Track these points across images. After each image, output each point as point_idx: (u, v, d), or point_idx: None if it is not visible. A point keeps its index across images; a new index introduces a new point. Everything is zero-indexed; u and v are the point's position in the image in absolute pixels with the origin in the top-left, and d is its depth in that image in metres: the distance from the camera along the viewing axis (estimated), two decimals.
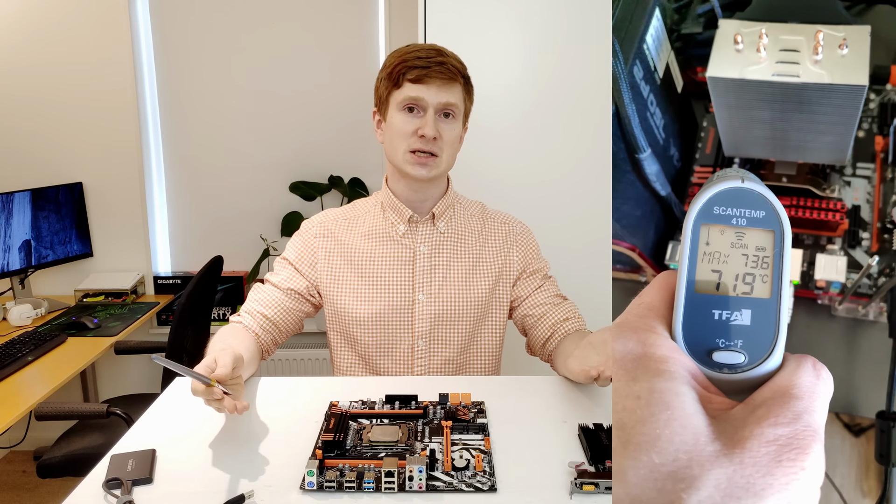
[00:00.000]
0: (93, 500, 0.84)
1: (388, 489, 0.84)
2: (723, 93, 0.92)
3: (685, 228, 0.42)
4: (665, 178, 1.01)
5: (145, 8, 2.64)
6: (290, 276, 1.30)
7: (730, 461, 0.34)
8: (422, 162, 1.22)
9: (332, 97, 2.67)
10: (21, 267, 2.44)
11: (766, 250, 0.41)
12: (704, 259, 0.42)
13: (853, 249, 0.99)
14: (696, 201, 0.42)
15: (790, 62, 0.87)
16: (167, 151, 2.74)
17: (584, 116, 1.88)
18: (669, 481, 0.34)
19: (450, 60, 1.22)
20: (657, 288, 0.43)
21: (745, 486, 0.33)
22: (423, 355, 1.28)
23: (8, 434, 2.20)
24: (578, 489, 0.83)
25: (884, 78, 1.00)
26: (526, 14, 1.85)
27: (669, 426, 0.35)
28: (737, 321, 0.41)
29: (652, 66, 0.97)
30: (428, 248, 1.30)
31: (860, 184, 1.02)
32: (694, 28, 0.98)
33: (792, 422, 0.35)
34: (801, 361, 0.39)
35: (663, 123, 1.01)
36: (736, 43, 0.89)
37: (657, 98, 0.99)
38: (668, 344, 0.39)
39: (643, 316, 0.41)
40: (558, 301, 1.31)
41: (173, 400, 1.12)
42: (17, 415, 1.69)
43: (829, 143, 0.95)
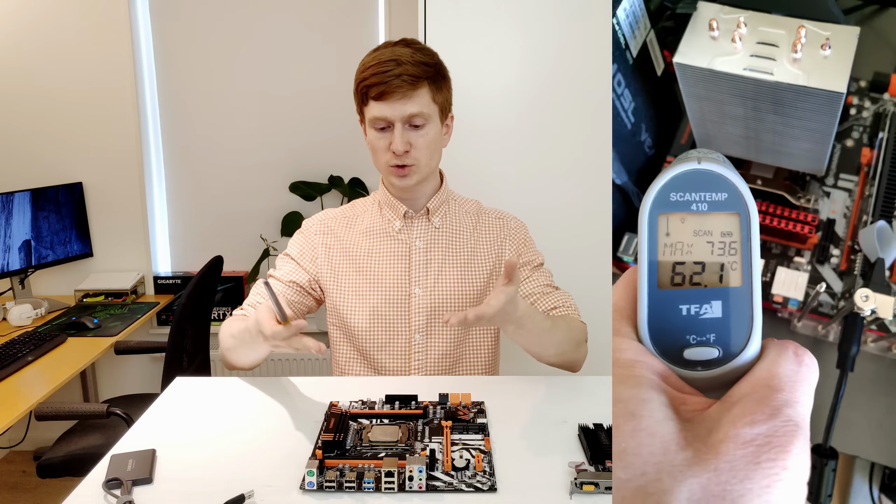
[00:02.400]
0: (93, 500, 0.84)
1: (388, 489, 0.84)
2: (691, 82, 0.84)
3: (640, 220, 0.39)
4: (622, 164, 0.93)
5: (145, 8, 2.64)
6: (292, 270, 1.31)
7: (703, 469, 0.31)
8: (401, 174, 1.25)
9: (332, 97, 2.67)
10: (21, 267, 2.44)
11: (733, 235, 0.38)
12: (666, 252, 0.38)
13: (821, 265, 0.92)
14: (650, 190, 0.39)
15: (765, 57, 0.79)
16: (167, 151, 2.74)
17: (584, 115, 1.88)
18: (638, 498, 0.31)
19: (406, 68, 1.18)
20: (622, 287, 0.40)
21: (721, 495, 0.30)
22: (421, 349, 1.29)
23: (8, 434, 2.20)
24: (578, 489, 0.83)
25: (882, 86, 0.93)
26: (525, 14, 1.85)
27: (635, 437, 0.32)
28: (707, 314, 0.38)
29: (623, 43, 0.89)
30: (423, 242, 1.31)
31: (840, 196, 0.94)
32: (690, 10, 0.89)
33: (770, 418, 0.32)
34: (780, 349, 0.36)
35: (633, 107, 0.93)
36: (711, 29, 0.81)
37: (626, 79, 0.91)
38: (632, 347, 0.37)
39: (613, 320, 0.38)
40: (548, 290, 1.31)
41: (173, 400, 1.12)
42: (17, 415, 1.69)
43: (805, 150, 0.88)
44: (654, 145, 1.00)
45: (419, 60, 1.21)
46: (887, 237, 0.84)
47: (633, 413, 0.33)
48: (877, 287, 0.82)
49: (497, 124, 1.90)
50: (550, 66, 1.87)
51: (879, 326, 0.88)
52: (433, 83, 1.23)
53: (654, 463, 0.32)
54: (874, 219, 0.88)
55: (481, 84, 1.86)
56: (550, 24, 1.86)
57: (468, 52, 1.85)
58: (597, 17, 1.83)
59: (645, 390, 0.34)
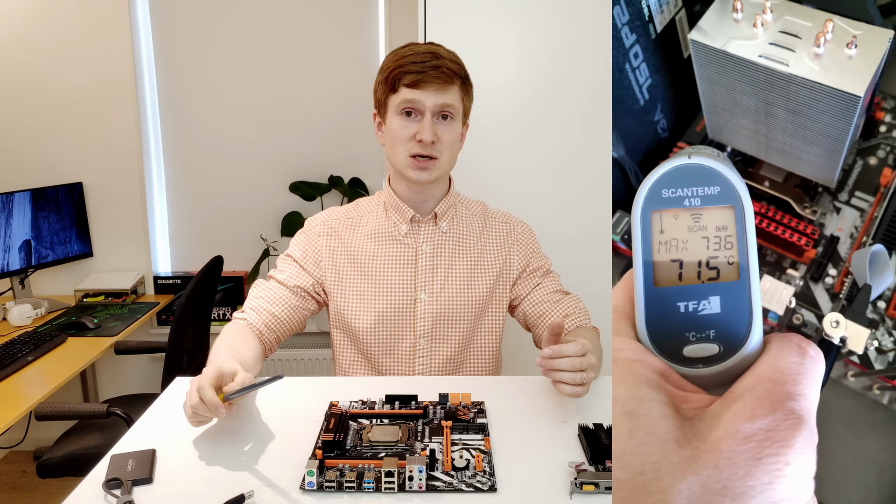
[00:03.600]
0: (93, 500, 0.84)
1: (388, 489, 0.84)
2: (704, 63, 0.81)
3: (633, 219, 0.38)
4: (622, 138, 0.88)
5: (145, 8, 2.64)
6: (295, 274, 1.30)
7: (703, 466, 0.30)
8: (422, 166, 1.23)
9: (332, 97, 2.67)
10: (21, 267, 2.44)
11: (728, 229, 0.37)
12: (660, 249, 0.38)
13: (815, 283, 0.87)
14: (641, 187, 0.38)
15: (784, 47, 0.75)
16: (167, 151, 2.74)
17: (584, 115, 1.88)
18: (638, 497, 0.30)
19: (445, 63, 1.20)
20: (621, 288, 0.39)
21: (722, 492, 0.30)
22: (425, 353, 1.29)
23: (8, 434, 2.20)
24: (578, 489, 0.82)
25: None
26: (525, 13, 1.85)
27: (634, 437, 0.32)
28: (705, 310, 0.37)
29: (646, 14, 0.84)
30: (430, 247, 1.30)
31: (851, 215, 0.89)
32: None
33: (771, 412, 0.32)
34: (784, 342, 0.35)
35: (649, 83, 0.89)
36: (735, 11, 0.77)
37: (646, 53, 0.86)
38: (631, 346, 0.36)
39: (613, 320, 0.38)
40: (558, 297, 1.31)
41: (173, 400, 1.12)
42: (17, 415, 1.69)
43: (817, 156, 0.84)
44: (670, 129, 0.95)
45: (455, 61, 1.24)
46: (881, 264, 0.78)
47: (631, 412, 0.33)
48: (854, 315, 0.76)
49: (497, 123, 1.90)
50: (550, 66, 1.87)
51: (862, 360, 0.80)
52: (463, 85, 1.25)
53: (652, 462, 0.31)
54: (873, 241, 0.84)
55: (481, 84, 1.84)
56: (550, 24, 1.86)
57: (468, 52, 1.83)
58: (597, 17, 1.83)
59: (643, 389, 0.34)
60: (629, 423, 0.32)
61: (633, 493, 0.31)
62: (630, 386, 0.34)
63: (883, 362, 0.79)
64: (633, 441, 0.32)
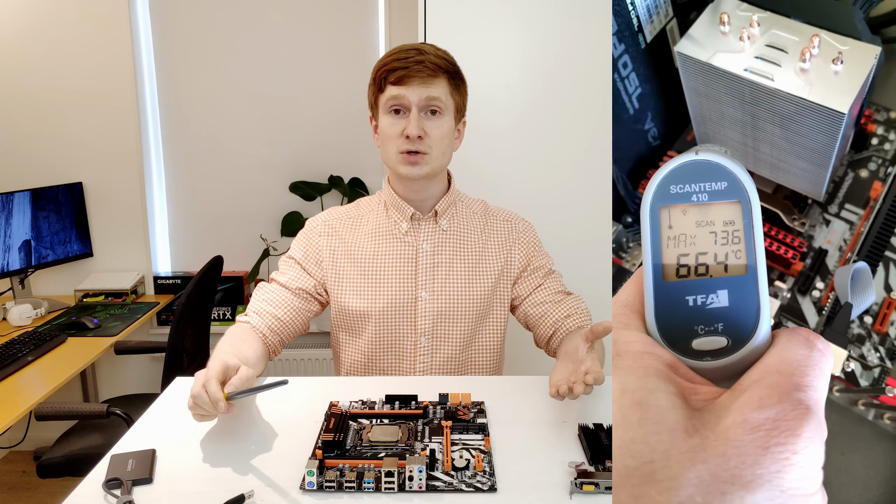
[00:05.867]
0: (93, 500, 0.84)
1: (388, 489, 0.84)
2: (691, 74, 0.81)
3: (642, 215, 0.39)
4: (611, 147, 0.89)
5: (145, 8, 2.64)
6: (297, 275, 1.30)
7: (712, 455, 0.31)
8: (412, 161, 1.23)
9: (332, 97, 2.67)
10: (21, 267, 2.44)
11: (735, 223, 0.38)
12: (669, 244, 0.38)
13: (802, 296, 0.86)
14: (650, 184, 0.39)
15: (769, 61, 0.75)
16: (167, 151, 2.74)
17: (585, 114, 1.88)
18: (646, 485, 0.31)
19: (429, 57, 1.21)
20: (632, 283, 0.40)
21: (730, 480, 0.30)
22: (427, 352, 1.28)
23: (8, 434, 2.21)
24: (578, 489, 0.83)
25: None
26: (525, 13, 1.85)
27: (644, 426, 0.33)
28: (713, 304, 0.38)
29: (634, 23, 0.85)
30: (431, 245, 1.30)
31: (840, 227, 0.88)
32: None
33: (779, 402, 0.32)
34: (792, 335, 0.36)
35: (639, 92, 0.89)
36: (722, 23, 0.77)
37: (635, 63, 0.87)
38: (641, 339, 0.37)
39: (618, 315, 0.39)
40: (560, 298, 1.31)
41: (173, 400, 1.12)
42: (17, 415, 1.69)
43: (804, 170, 0.84)
44: (661, 137, 0.96)
45: (441, 56, 1.23)
46: (864, 282, 0.77)
47: (641, 402, 0.33)
48: (833, 335, 0.75)
49: (497, 124, 1.90)
50: (551, 66, 1.87)
51: (848, 376, 0.80)
52: (452, 79, 1.25)
53: (661, 450, 0.32)
54: (857, 258, 0.82)
55: (481, 84, 1.86)
56: (551, 24, 1.86)
57: (468, 52, 1.84)
58: (597, 17, 1.83)
59: (652, 380, 0.34)
60: (639, 412, 0.33)
61: (642, 480, 0.31)
62: (640, 377, 0.35)
63: (868, 378, 0.79)
64: (642, 430, 0.32)
